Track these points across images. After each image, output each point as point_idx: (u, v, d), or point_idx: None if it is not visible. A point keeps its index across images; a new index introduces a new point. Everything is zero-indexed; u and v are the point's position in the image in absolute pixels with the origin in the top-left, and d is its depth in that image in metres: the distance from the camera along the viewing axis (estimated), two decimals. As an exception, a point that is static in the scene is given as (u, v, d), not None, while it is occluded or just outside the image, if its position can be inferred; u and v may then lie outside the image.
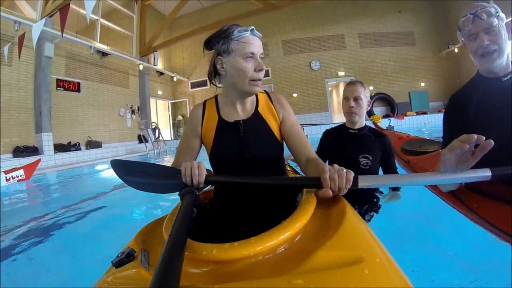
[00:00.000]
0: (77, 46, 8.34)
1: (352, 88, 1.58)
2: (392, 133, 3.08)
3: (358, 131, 1.61)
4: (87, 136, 8.75)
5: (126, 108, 10.59)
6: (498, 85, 0.97)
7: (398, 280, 0.42)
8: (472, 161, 0.68)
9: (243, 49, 0.88)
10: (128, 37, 11.20)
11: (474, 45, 0.97)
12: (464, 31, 0.99)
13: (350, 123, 1.62)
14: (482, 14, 0.93)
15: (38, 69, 7.13)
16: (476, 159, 0.67)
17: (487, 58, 0.95)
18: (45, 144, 7.06)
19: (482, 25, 0.94)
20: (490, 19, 0.93)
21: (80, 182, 4.99)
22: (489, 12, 0.93)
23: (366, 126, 1.65)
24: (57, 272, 1.49)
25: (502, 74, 0.97)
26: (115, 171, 0.85)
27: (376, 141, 1.58)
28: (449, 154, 0.69)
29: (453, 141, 0.68)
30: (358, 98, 1.56)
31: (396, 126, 9.69)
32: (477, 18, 0.94)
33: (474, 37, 0.97)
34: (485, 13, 0.93)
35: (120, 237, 1.63)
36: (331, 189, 0.66)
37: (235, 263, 0.50)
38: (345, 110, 1.60)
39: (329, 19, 12.23)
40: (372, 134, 1.62)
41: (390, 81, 12.02)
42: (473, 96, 1.01)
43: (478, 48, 0.95)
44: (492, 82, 0.99)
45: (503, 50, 0.93)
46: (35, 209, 3.00)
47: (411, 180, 0.71)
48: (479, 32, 0.94)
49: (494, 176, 0.63)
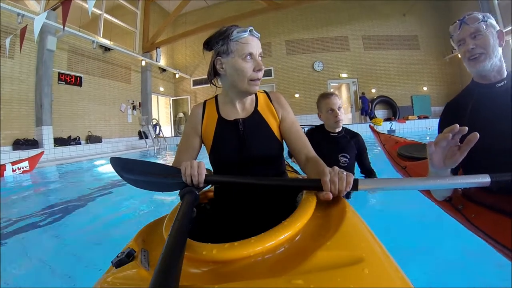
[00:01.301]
0: (79, 40, 8.34)
1: (335, 100, 1.84)
2: (389, 137, 3.02)
3: (337, 134, 1.88)
4: (88, 130, 8.75)
5: (127, 104, 10.60)
6: (492, 91, 0.99)
7: (398, 280, 0.42)
8: (459, 156, 0.69)
9: (242, 50, 0.89)
10: (131, 33, 11.20)
11: (462, 50, 1.02)
12: (454, 36, 1.05)
13: (333, 128, 1.88)
14: (469, 20, 0.99)
15: (40, 62, 7.12)
16: (463, 154, 0.68)
17: (474, 61, 0.98)
18: (45, 137, 7.06)
19: (469, 30, 0.99)
20: (476, 24, 0.98)
21: (79, 177, 4.98)
22: (476, 18, 0.98)
23: (343, 128, 1.91)
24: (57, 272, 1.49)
25: (496, 80, 1.00)
26: (114, 169, 0.84)
27: (351, 141, 1.88)
28: (434, 147, 0.70)
29: (438, 136, 0.71)
30: (340, 107, 1.84)
31: (397, 130, 9.68)
32: (464, 24, 1.00)
33: (462, 42, 1.02)
34: (472, 19, 0.99)
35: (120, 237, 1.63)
36: (331, 192, 0.66)
37: (235, 263, 0.50)
38: (332, 119, 1.83)
39: (334, 21, 12.22)
40: (347, 135, 1.90)
41: (392, 84, 12.01)
42: (468, 103, 1.03)
43: (465, 52, 1.00)
44: (486, 88, 1.01)
45: (490, 54, 0.96)
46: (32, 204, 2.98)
47: (410, 184, 0.71)
48: (465, 37, 1.00)
49: (493, 182, 0.63)
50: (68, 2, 4.56)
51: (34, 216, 2.46)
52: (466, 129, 0.63)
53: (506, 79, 0.99)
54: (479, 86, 1.04)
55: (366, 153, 1.95)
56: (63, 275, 1.43)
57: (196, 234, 0.63)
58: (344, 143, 1.86)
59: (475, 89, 1.05)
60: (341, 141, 1.87)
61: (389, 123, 9.99)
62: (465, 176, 0.65)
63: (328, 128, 1.89)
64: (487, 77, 1.00)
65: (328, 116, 1.84)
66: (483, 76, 1.01)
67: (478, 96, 1.02)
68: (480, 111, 0.98)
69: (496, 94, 0.98)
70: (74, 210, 2.66)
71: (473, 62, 0.98)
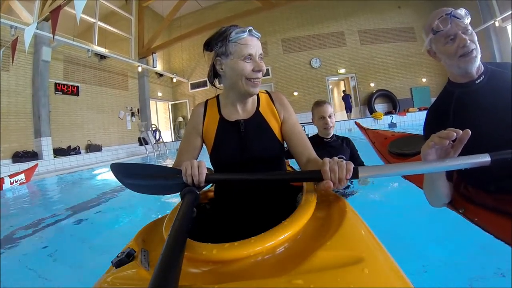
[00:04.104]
0: (75, 49, 8.33)
1: (326, 108, 2.00)
2: (376, 133, 2.88)
3: (330, 139, 2.04)
4: (87, 139, 8.74)
5: (126, 111, 10.59)
6: (472, 89, 0.95)
7: (398, 280, 0.42)
8: (453, 154, 0.69)
9: (241, 51, 0.88)
10: (127, 39, 11.20)
11: (452, 47, 0.93)
12: (442, 32, 0.95)
13: (325, 134, 2.02)
14: (458, 14, 0.92)
15: (36, 73, 7.12)
16: (457, 151, 0.68)
17: (468, 57, 0.91)
18: (44, 148, 7.05)
19: (460, 25, 0.91)
20: (465, 19, 0.92)
21: (80, 186, 5.04)
22: (462, 12, 0.92)
23: (334, 134, 2.07)
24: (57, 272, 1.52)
25: (475, 76, 0.95)
26: (115, 175, 0.84)
27: (343, 144, 2.05)
28: (429, 150, 0.69)
29: (433, 136, 0.68)
30: (331, 115, 2.00)
31: (398, 123, 9.62)
32: (454, 19, 0.92)
33: (451, 38, 0.93)
34: (459, 13, 0.92)
35: (120, 237, 1.69)
36: (332, 180, 0.66)
37: (235, 263, 0.50)
38: (323, 126, 1.99)
39: (329, 17, 12.20)
40: (339, 139, 2.07)
41: (391, 78, 11.97)
42: (448, 109, 0.99)
43: (457, 49, 0.92)
44: (465, 88, 0.97)
45: (478, 49, 0.92)
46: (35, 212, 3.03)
47: (409, 169, 0.71)
48: (457, 33, 0.92)
49: (493, 161, 0.63)
50: (57, 10, 4.52)
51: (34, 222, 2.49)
52: (461, 132, 0.63)
53: (484, 74, 0.95)
54: (457, 86, 0.99)
55: (357, 154, 2.10)
56: (63, 275, 1.47)
57: (196, 234, 0.63)
58: (338, 146, 2.03)
59: (453, 90, 1.00)
60: (334, 144, 2.03)
61: (389, 117, 9.93)
62: (465, 157, 0.65)
63: (321, 135, 2.05)
64: (470, 74, 0.95)
65: (320, 122, 2.02)
66: (468, 74, 0.95)
67: (458, 98, 0.97)
68: (463, 114, 0.94)
69: (477, 92, 0.94)
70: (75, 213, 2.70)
71: (467, 58, 0.91)
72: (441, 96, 1.06)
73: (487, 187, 0.91)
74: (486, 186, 0.91)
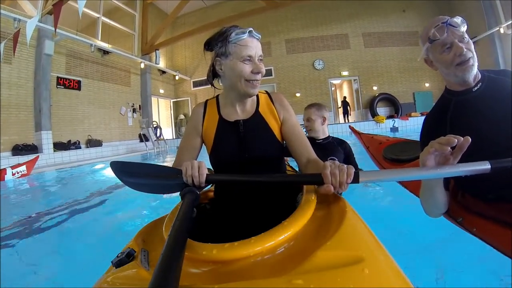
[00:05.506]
0: (78, 44, 8.33)
1: (307, 112, 2.12)
2: (371, 138, 2.86)
3: (323, 140, 2.08)
4: (88, 134, 8.73)
5: (127, 107, 10.59)
6: (470, 97, 0.94)
7: (398, 280, 0.42)
8: (452, 161, 0.68)
9: (240, 52, 0.88)
10: (130, 36, 11.20)
11: (448, 55, 0.92)
12: (438, 41, 0.93)
13: (314, 136, 2.11)
14: (454, 23, 0.91)
15: (38, 67, 7.11)
16: (457, 158, 0.67)
17: (465, 66, 0.90)
18: (45, 142, 7.04)
19: (456, 33, 0.91)
20: (461, 27, 0.91)
21: (79, 181, 5.01)
22: (458, 20, 0.91)
23: (330, 136, 2.13)
24: (57, 272, 1.51)
25: (473, 84, 0.94)
26: (115, 173, 0.84)
27: (338, 147, 2.07)
28: (428, 156, 0.69)
29: (432, 143, 0.67)
30: (310, 119, 2.08)
31: (400, 127, 9.59)
32: (450, 27, 0.91)
33: (448, 47, 0.92)
34: (455, 22, 0.91)
35: (120, 237, 1.69)
36: (332, 184, 0.66)
37: (235, 263, 0.50)
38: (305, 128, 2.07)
39: (333, 18, 12.17)
40: (334, 142, 2.10)
41: (394, 81, 11.95)
42: (446, 116, 0.98)
43: (454, 57, 0.91)
44: (462, 96, 0.95)
45: (475, 57, 0.91)
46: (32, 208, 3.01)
47: (409, 175, 0.72)
48: (453, 41, 0.91)
49: (493, 169, 0.63)
50: (59, 4, 4.51)
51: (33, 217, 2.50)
52: (461, 139, 0.62)
53: (481, 81, 0.94)
54: (454, 94, 0.98)
55: (353, 157, 2.12)
56: (63, 275, 1.46)
57: (196, 234, 0.63)
58: (330, 148, 2.06)
59: (451, 98, 0.99)
60: (328, 146, 2.07)
61: (391, 121, 9.90)
62: (465, 164, 0.65)
63: (311, 135, 2.13)
64: (468, 82, 0.93)
65: (305, 124, 2.13)
66: (465, 82, 0.94)
67: (455, 106, 0.96)
68: (460, 121, 0.93)
69: (474, 99, 0.93)
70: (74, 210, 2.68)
71: (464, 67, 0.90)
72: (438, 104, 1.05)
73: (485, 196, 0.90)
74: (485, 194, 0.90)
